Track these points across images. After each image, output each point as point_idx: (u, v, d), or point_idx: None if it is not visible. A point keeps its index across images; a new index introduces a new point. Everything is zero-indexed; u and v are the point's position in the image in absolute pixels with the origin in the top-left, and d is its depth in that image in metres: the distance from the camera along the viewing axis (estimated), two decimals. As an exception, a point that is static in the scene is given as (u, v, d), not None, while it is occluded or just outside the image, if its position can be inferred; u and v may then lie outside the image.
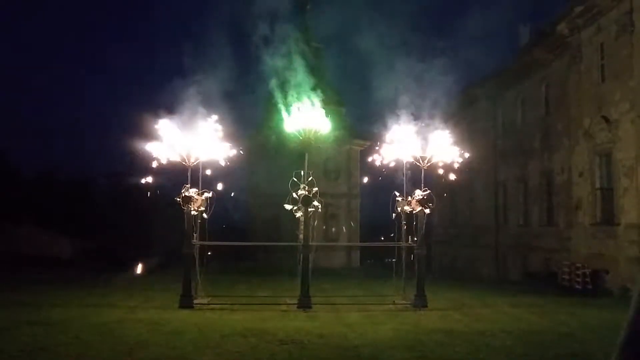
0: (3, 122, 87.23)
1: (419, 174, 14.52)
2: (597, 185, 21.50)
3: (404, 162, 14.63)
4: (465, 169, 15.30)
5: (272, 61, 14.87)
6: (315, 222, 14.39)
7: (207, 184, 14.03)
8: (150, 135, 13.68)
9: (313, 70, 14.91)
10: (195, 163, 13.77)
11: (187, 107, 13.86)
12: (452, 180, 14.98)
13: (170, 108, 13.97)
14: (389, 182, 15.03)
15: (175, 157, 13.73)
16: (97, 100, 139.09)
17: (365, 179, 15.91)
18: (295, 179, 13.78)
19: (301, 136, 13.91)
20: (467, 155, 14.92)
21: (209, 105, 14.13)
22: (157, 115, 13.75)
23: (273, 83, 15.10)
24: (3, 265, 25.14)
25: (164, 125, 13.63)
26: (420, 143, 14.55)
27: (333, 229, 38.72)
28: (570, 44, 23.06)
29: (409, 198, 14.31)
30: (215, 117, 13.91)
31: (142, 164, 13.87)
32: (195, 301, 13.44)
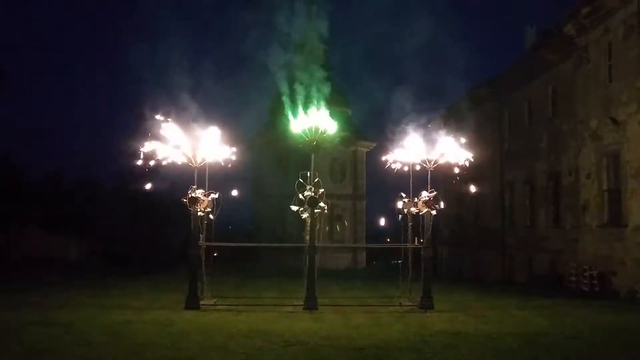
0: (8, 125, 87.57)
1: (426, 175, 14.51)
2: (605, 186, 21.39)
3: (411, 163, 14.62)
4: (472, 171, 15.20)
5: (278, 62, 14.88)
6: (322, 224, 14.36)
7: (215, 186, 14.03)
8: (154, 136, 13.68)
9: (319, 71, 14.89)
10: (201, 164, 13.78)
11: (192, 109, 13.88)
12: (460, 181, 14.95)
13: (174, 110, 13.99)
14: (396, 184, 14.99)
15: (182, 159, 13.75)
16: (101, 101, 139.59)
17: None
18: (301, 180, 13.77)
19: (307, 137, 13.89)
20: (472, 159, 14.85)
21: (214, 107, 14.16)
22: (162, 117, 13.74)
23: (279, 84, 15.11)
24: (10, 266, 25.26)
25: (169, 127, 13.63)
26: (426, 145, 14.53)
27: (341, 231, 38.70)
28: (577, 45, 22.96)
29: (415, 199, 14.28)
30: (217, 122, 13.91)
31: (145, 166, 13.85)
32: (201, 302, 13.44)
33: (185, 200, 13.41)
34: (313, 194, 13.51)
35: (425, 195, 14.04)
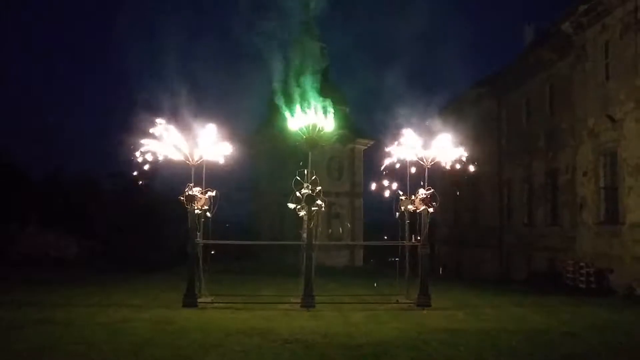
0: (8, 124, 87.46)
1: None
2: (602, 184, 21.45)
3: (408, 160, 14.63)
4: (470, 170, 15.21)
5: (276, 60, 14.88)
6: (319, 221, 14.36)
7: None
8: (152, 135, 13.68)
9: (316, 68, 14.89)
10: (198, 162, 13.77)
11: (189, 106, 13.89)
12: (457, 180, 14.97)
13: (171, 108, 14.00)
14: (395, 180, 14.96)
15: (179, 157, 13.75)
16: (101, 99, 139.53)
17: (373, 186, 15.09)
18: (298, 178, 13.78)
19: (305, 135, 13.90)
20: (469, 160, 14.86)
21: (211, 105, 14.17)
22: (160, 116, 13.76)
23: (276, 82, 15.11)
24: (10, 265, 25.25)
25: (165, 126, 13.62)
26: (423, 142, 14.54)
27: (339, 229, 38.69)
28: (575, 43, 23.00)
29: (413, 197, 14.30)
30: (214, 119, 13.90)
31: (143, 163, 13.85)
32: (199, 300, 13.46)
33: (182, 198, 13.42)
34: (310, 191, 13.53)
35: (422, 192, 14.06)
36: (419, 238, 14.19)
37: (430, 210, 14.04)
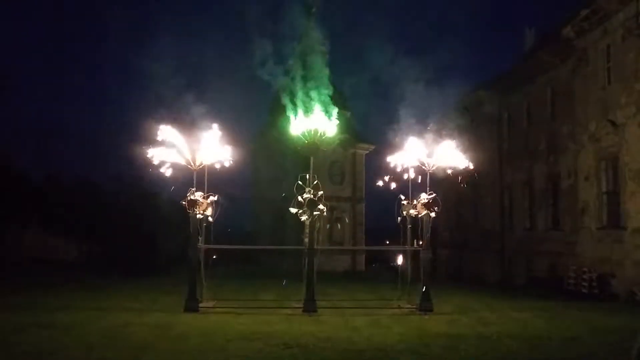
0: (8, 126, 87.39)
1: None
2: (604, 189, 21.42)
3: (410, 165, 14.61)
4: (471, 173, 15.22)
5: (277, 65, 14.88)
6: (320, 226, 14.35)
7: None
8: (154, 139, 13.68)
9: (318, 74, 14.89)
10: (200, 167, 13.76)
11: (191, 112, 13.89)
12: (458, 183, 14.97)
13: (173, 112, 14.01)
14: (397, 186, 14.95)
15: (180, 161, 13.74)
16: (101, 103, 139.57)
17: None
18: (300, 183, 13.77)
19: (307, 139, 13.89)
20: (471, 164, 14.84)
21: (213, 109, 14.17)
22: (161, 120, 13.76)
23: (278, 86, 15.10)
24: (10, 267, 25.24)
25: (168, 130, 13.61)
26: (426, 147, 14.53)
27: (340, 234, 38.67)
28: (576, 47, 22.99)
29: (415, 202, 14.28)
30: (216, 124, 13.87)
31: (145, 168, 13.86)
32: (200, 305, 13.44)
33: (184, 202, 13.41)
34: (312, 196, 13.52)
35: (424, 197, 14.04)
36: (420, 243, 14.18)
37: (432, 215, 14.03)
